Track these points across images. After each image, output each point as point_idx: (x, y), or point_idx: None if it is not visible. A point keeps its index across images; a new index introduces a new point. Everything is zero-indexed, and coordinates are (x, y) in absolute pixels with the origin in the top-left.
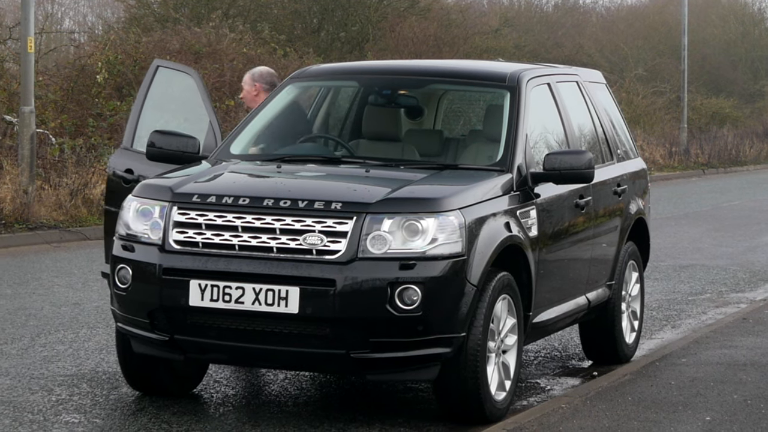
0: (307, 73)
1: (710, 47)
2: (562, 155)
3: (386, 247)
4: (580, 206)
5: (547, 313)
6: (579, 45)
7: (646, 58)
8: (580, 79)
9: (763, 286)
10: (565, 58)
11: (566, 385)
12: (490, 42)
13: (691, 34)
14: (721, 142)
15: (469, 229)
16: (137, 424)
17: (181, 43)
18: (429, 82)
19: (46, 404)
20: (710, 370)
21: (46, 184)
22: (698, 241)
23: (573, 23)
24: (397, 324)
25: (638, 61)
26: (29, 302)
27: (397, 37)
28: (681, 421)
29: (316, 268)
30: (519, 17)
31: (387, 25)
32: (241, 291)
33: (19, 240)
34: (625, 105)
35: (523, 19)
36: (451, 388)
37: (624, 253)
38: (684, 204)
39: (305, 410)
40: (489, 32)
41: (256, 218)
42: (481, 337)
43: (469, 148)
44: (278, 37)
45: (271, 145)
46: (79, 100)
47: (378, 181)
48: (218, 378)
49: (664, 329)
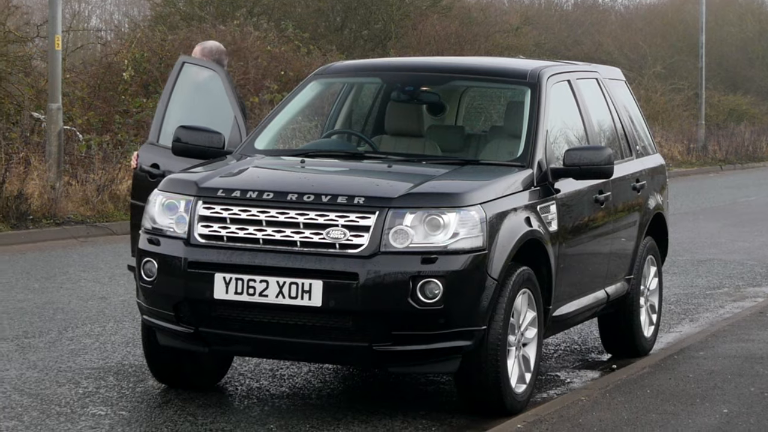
0: (330, 70)
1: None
2: (582, 151)
3: (408, 241)
4: (600, 201)
5: (567, 306)
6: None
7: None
8: (600, 76)
9: None
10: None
11: (585, 377)
12: (511, 40)
13: (709, 32)
14: (739, 139)
15: (490, 224)
16: (163, 416)
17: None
18: (451, 79)
19: (73, 397)
20: (727, 363)
21: (74, 180)
22: (716, 236)
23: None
24: (419, 317)
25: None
26: (57, 296)
27: (419, 34)
28: (699, 414)
29: (339, 261)
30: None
31: (409, 23)
32: (265, 284)
33: (47, 235)
34: (644, 102)
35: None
36: (472, 381)
37: (642, 247)
38: (702, 199)
39: (329, 402)
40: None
41: (280, 212)
42: (501, 330)
43: (490, 144)
44: (302, 35)
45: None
46: (105, 97)
47: (400, 176)
48: (243, 371)
49: (682, 323)
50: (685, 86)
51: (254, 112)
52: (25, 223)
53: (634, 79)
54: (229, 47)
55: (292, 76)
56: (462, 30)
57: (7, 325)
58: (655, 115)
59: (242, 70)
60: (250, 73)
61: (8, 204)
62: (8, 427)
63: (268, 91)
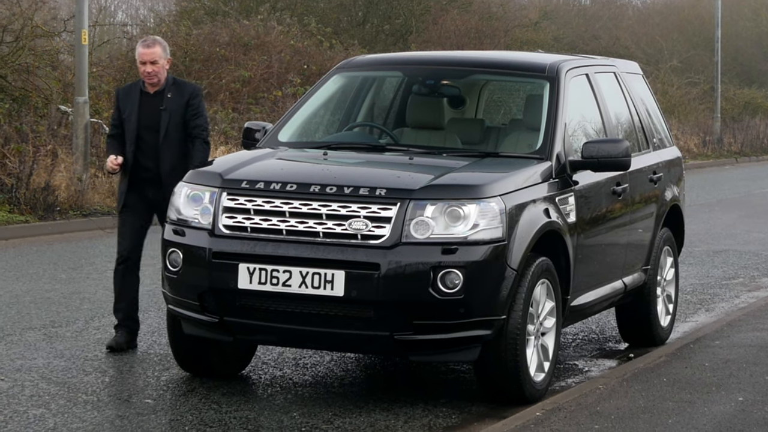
0: (352, 64)
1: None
2: (599, 144)
3: (429, 232)
4: (617, 193)
5: (585, 296)
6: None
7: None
8: (618, 70)
9: None
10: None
11: (603, 366)
12: (530, 34)
13: (724, 27)
14: (754, 132)
15: (510, 215)
16: (188, 404)
17: (231, 35)
18: (471, 73)
19: (99, 385)
20: (743, 352)
21: (100, 172)
22: (731, 227)
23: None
24: (440, 307)
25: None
26: (83, 286)
27: (439, 29)
28: (715, 402)
29: (361, 252)
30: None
31: (430, 18)
32: (288, 274)
33: (74, 226)
34: (661, 95)
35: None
36: (492, 370)
37: (659, 238)
38: (717, 191)
39: (351, 391)
40: (528, 25)
41: (303, 204)
42: (520, 320)
43: (510, 137)
44: (324, 29)
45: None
46: None
47: (421, 168)
48: (266, 360)
49: (698, 312)
50: (701, 80)
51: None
52: (52, 214)
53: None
54: (253, 41)
55: (315, 69)
56: (482, 25)
57: (34, 315)
58: (671, 109)
59: (266, 64)
60: (274, 67)
61: (36, 196)
62: (36, 415)
63: (291, 85)
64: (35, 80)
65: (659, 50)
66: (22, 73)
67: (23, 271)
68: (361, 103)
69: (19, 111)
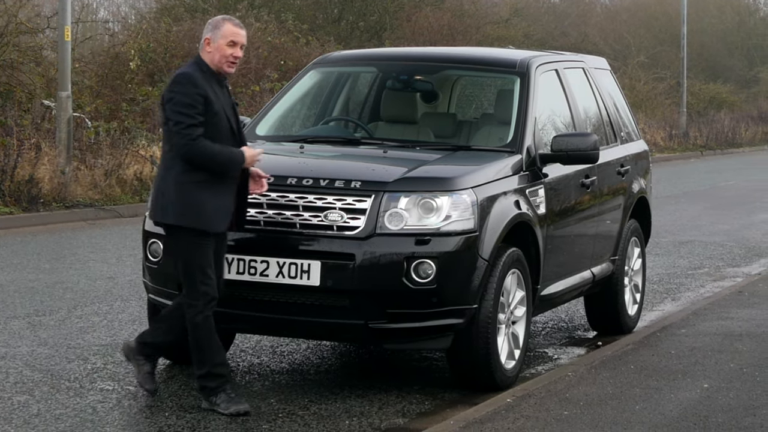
0: (328, 60)
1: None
2: (569, 137)
3: (403, 223)
4: (586, 185)
5: (555, 286)
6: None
7: (648, 46)
8: (586, 66)
9: (758, 261)
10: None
11: (572, 354)
12: (501, 31)
13: (690, 23)
14: (719, 126)
15: (481, 207)
16: (168, 391)
17: None
18: (444, 68)
19: (81, 372)
20: (708, 340)
21: (82, 165)
22: (697, 219)
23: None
24: (413, 296)
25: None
26: (66, 276)
27: (413, 26)
28: (680, 388)
29: (337, 243)
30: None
31: (403, 15)
32: (266, 264)
33: (57, 218)
34: (628, 90)
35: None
36: (464, 357)
37: (627, 229)
38: (683, 184)
39: (326, 378)
40: (500, 22)
41: (280, 196)
42: (492, 308)
43: (481, 131)
44: (301, 26)
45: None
46: (113, 86)
47: (395, 161)
48: (244, 348)
49: (665, 302)
50: (667, 75)
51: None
52: (36, 206)
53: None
54: None
55: (292, 65)
56: (454, 21)
57: (18, 304)
58: (638, 103)
59: (244, 60)
60: (252, 63)
61: (20, 188)
62: (20, 401)
63: (269, 80)
64: (19, 75)
65: (627, 46)
66: (6, 68)
67: (7, 261)
68: (337, 97)
69: (4, 105)
